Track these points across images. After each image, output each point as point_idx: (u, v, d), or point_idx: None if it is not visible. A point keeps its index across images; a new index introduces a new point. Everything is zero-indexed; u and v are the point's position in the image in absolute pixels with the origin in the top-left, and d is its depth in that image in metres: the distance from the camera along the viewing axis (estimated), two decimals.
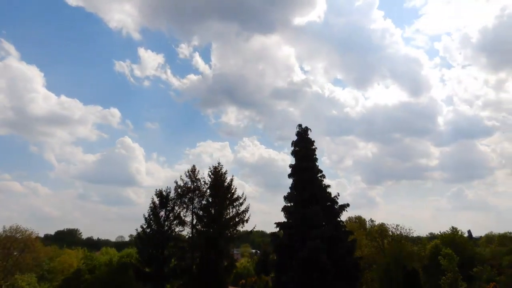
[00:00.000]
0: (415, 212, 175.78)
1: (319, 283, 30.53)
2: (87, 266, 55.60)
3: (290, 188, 35.50)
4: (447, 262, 43.36)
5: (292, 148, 36.66)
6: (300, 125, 37.15)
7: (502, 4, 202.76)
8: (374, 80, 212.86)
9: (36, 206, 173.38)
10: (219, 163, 40.00)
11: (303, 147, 36.29)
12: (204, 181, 39.46)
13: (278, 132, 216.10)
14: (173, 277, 37.41)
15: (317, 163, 35.92)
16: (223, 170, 39.60)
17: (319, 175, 35.53)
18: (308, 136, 36.76)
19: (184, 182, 39.31)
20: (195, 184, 39.33)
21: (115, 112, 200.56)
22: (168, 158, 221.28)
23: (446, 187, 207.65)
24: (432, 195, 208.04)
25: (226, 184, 39.01)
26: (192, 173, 39.77)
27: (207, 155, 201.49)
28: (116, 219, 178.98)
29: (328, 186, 35.58)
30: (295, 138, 36.84)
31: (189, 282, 36.37)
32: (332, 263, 30.83)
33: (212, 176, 39.42)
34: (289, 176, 35.92)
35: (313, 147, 36.53)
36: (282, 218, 35.16)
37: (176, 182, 39.29)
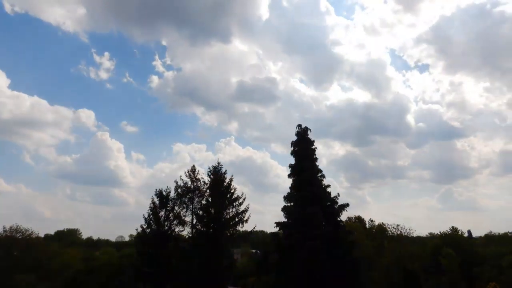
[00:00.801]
0: (406, 212, 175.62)
1: (319, 283, 30.52)
2: (87, 266, 55.56)
3: (290, 188, 35.49)
4: (447, 261, 43.30)
5: (292, 148, 36.65)
6: (299, 125, 37.17)
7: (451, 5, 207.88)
8: (334, 79, 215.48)
9: (25, 207, 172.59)
10: (218, 163, 40.02)
11: (303, 147, 36.26)
12: (204, 181, 39.51)
13: (251, 133, 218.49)
14: (173, 277, 37.37)
15: (316, 163, 35.95)
16: (223, 170, 39.60)
17: (318, 175, 35.51)
18: (308, 136, 36.75)
19: (184, 182, 39.33)
20: (194, 184, 39.33)
21: (90, 114, 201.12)
22: (147, 159, 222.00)
23: (433, 188, 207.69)
24: (417, 196, 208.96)
25: (225, 184, 38.96)
26: (192, 173, 39.75)
27: (186, 155, 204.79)
28: (104, 219, 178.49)
29: (328, 186, 35.60)
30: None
31: (189, 282, 36.32)
32: (332, 263, 30.81)
33: (211, 176, 39.37)
34: (289, 176, 35.91)
35: (313, 147, 36.52)
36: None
37: (176, 182, 39.36)
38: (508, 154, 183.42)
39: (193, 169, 40.01)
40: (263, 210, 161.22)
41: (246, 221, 37.95)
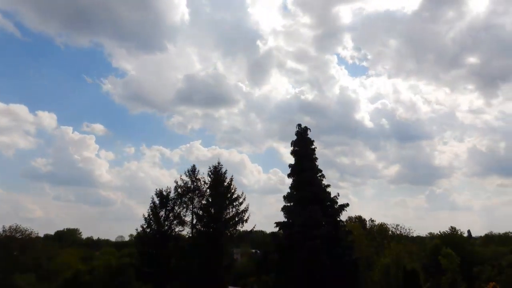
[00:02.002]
0: (393, 212, 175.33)
1: (319, 283, 30.53)
2: (87, 266, 55.61)
3: (290, 187, 35.51)
4: (447, 261, 43.32)
5: (292, 148, 36.66)
6: (299, 125, 37.20)
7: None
8: (276, 77, 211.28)
9: (11, 208, 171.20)
10: (218, 163, 39.99)
11: (303, 147, 36.26)
12: (204, 181, 39.49)
13: (214, 134, 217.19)
14: (173, 277, 37.38)
15: (316, 163, 35.96)
16: (223, 170, 39.58)
17: (318, 175, 35.52)
18: (308, 136, 36.75)
19: (184, 182, 39.30)
20: (195, 184, 39.29)
21: (52, 115, 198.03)
22: (116, 158, 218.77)
23: (410, 188, 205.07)
24: (396, 196, 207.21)
25: (225, 183, 38.97)
26: (192, 173, 39.72)
27: (155, 154, 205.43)
28: (90, 218, 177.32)
29: (328, 185, 35.59)
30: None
31: (189, 282, 36.34)
32: (332, 263, 30.83)
33: (212, 176, 39.38)
34: (289, 176, 35.91)
35: (313, 146, 36.52)
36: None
37: (176, 182, 39.31)
38: (477, 154, 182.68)
39: (193, 169, 40.00)
40: (256, 210, 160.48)
41: (246, 220, 37.96)
